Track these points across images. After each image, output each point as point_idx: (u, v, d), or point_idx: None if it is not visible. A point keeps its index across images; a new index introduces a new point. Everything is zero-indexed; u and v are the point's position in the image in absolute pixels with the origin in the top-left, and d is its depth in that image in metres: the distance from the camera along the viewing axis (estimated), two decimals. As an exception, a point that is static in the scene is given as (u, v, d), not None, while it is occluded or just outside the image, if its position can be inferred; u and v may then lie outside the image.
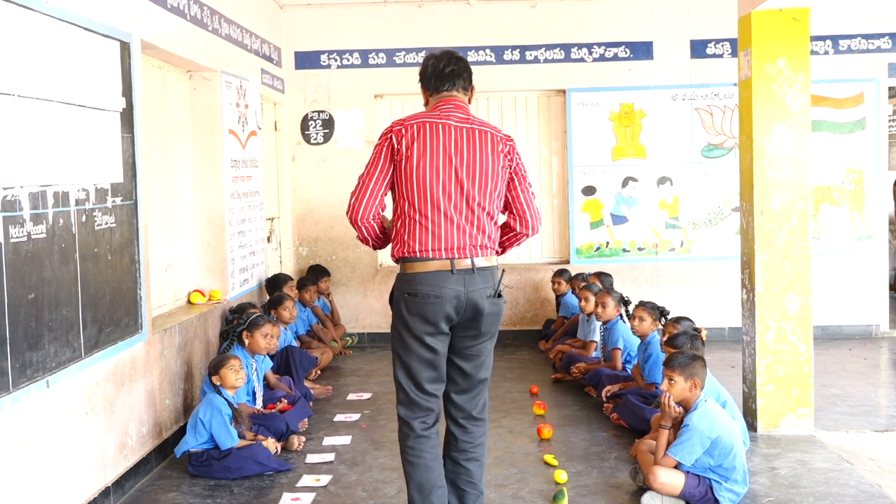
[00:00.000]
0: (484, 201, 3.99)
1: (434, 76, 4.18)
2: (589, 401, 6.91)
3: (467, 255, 3.95)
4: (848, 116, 9.48)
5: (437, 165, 3.95)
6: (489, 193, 4.01)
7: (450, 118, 4.05)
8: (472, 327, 4.00)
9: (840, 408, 6.69)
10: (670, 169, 9.54)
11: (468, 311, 3.94)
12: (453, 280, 3.92)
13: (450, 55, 4.23)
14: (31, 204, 4.00)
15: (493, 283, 4.01)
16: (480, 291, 3.95)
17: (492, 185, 4.02)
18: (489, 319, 4.01)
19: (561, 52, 9.50)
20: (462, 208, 3.96)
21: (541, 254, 9.87)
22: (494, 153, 4.06)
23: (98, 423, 4.76)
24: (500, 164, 4.07)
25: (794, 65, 5.97)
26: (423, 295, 3.91)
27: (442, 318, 3.92)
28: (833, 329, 9.43)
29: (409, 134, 3.98)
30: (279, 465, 5.40)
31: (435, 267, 3.92)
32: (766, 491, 4.97)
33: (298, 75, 9.57)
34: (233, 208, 7.27)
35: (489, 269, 4.02)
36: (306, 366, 7.30)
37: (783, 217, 6.00)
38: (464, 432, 4.11)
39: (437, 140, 3.98)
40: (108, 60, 4.93)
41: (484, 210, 4.00)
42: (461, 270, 3.93)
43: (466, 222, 3.96)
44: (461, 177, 3.96)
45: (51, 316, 4.18)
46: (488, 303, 3.98)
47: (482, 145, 4.04)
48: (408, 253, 3.97)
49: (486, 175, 4.01)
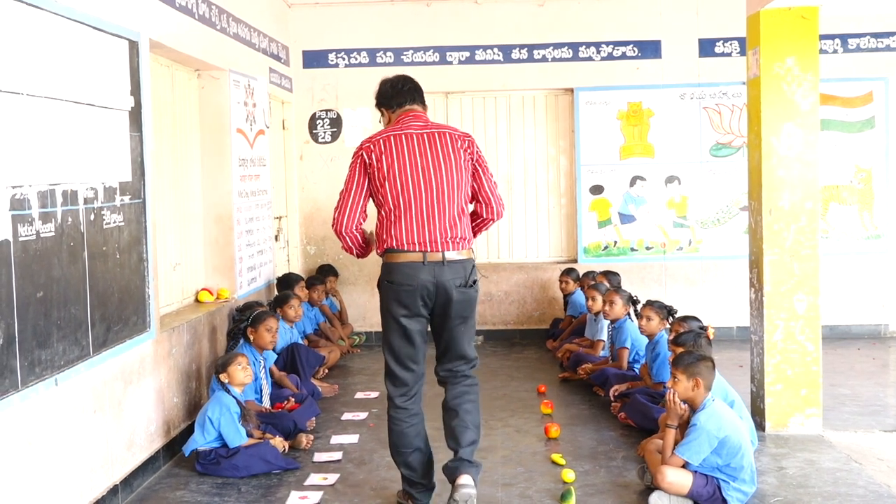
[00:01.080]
0: (453, 195, 4.52)
1: (394, 95, 4.77)
2: (596, 400, 6.90)
3: (438, 248, 4.48)
4: (857, 115, 9.45)
5: (406, 170, 4.50)
6: (456, 186, 4.54)
7: (411, 127, 4.61)
8: (444, 312, 4.54)
9: (849, 407, 6.67)
10: (678, 168, 9.53)
11: (439, 298, 4.49)
12: (425, 270, 4.45)
13: (405, 77, 4.88)
14: (39, 202, 4.01)
15: (463, 275, 4.51)
16: (450, 281, 4.48)
17: (457, 179, 4.55)
18: (459, 306, 4.52)
19: (569, 50, 9.49)
20: (433, 205, 4.49)
21: (548, 253, 9.87)
22: (455, 150, 4.58)
23: (106, 422, 4.77)
24: (462, 159, 4.59)
25: (803, 63, 5.96)
26: (398, 283, 4.49)
27: (415, 303, 4.48)
28: (842, 329, 9.41)
29: (377, 148, 4.54)
30: (287, 464, 5.41)
31: (409, 259, 4.47)
32: (775, 491, 4.96)
33: (306, 74, 9.58)
34: (241, 207, 7.28)
35: (460, 261, 4.52)
36: (312, 363, 7.30)
37: (792, 216, 5.99)
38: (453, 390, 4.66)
39: (402, 148, 4.53)
40: (117, 59, 4.94)
41: (454, 204, 4.53)
42: (432, 262, 4.46)
43: (438, 219, 4.49)
44: (429, 176, 4.51)
45: (59, 314, 4.19)
46: (457, 291, 4.49)
47: (443, 145, 4.57)
48: (387, 246, 4.53)
49: (451, 170, 4.54)
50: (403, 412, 4.62)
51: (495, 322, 9.64)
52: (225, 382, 5.55)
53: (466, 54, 9.51)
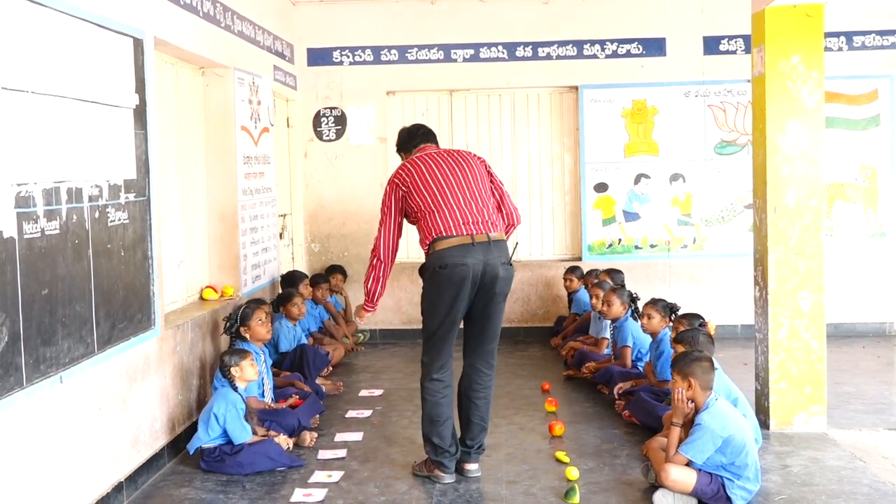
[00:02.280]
0: (483, 193, 5.09)
1: (410, 139, 5.43)
2: (601, 398, 6.90)
3: (482, 230, 4.96)
4: (862, 113, 9.44)
5: (438, 177, 5.07)
6: (484, 189, 5.12)
7: (431, 151, 5.26)
8: (490, 290, 4.96)
9: (853, 406, 6.66)
10: (683, 166, 9.52)
11: (487, 275, 4.93)
12: (475, 251, 4.91)
13: (419, 125, 5.55)
14: (44, 200, 4.02)
15: (507, 253, 5.04)
16: (497, 258, 4.95)
17: (483, 185, 5.14)
18: (503, 282, 5.01)
19: (573, 48, 9.48)
20: (470, 200, 5.03)
21: (553, 250, 9.86)
22: (476, 162, 5.23)
23: (111, 419, 4.78)
24: (483, 170, 5.22)
25: (808, 61, 5.95)
26: (451, 265, 4.88)
27: (467, 283, 4.89)
28: (846, 326, 9.40)
29: (406, 171, 5.13)
30: (291, 461, 5.42)
31: (458, 242, 4.92)
32: (779, 489, 4.96)
33: (311, 72, 9.58)
34: (245, 205, 7.29)
35: (502, 241, 5.05)
36: (319, 365, 7.30)
37: (796, 214, 5.98)
38: (478, 376, 5.18)
39: (430, 165, 5.13)
40: (122, 57, 4.95)
41: (488, 201, 5.10)
42: (480, 243, 4.92)
43: (476, 209, 5.01)
44: (458, 179, 5.07)
45: (64, 312, 4.19)
46: (502, 268, 4.99)
47: (464, 159, 5.20)
48: (434, 235, 4.97)
49: (476, 177, 5.13)
50: (439, 384, 5.09)
51: (499, 320, 9.63)
52: (231, 380, 5.55)
53: (471, 52, 9.51)
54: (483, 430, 5.23)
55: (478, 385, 5.19)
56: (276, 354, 7.19)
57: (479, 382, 5.19)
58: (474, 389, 5.19)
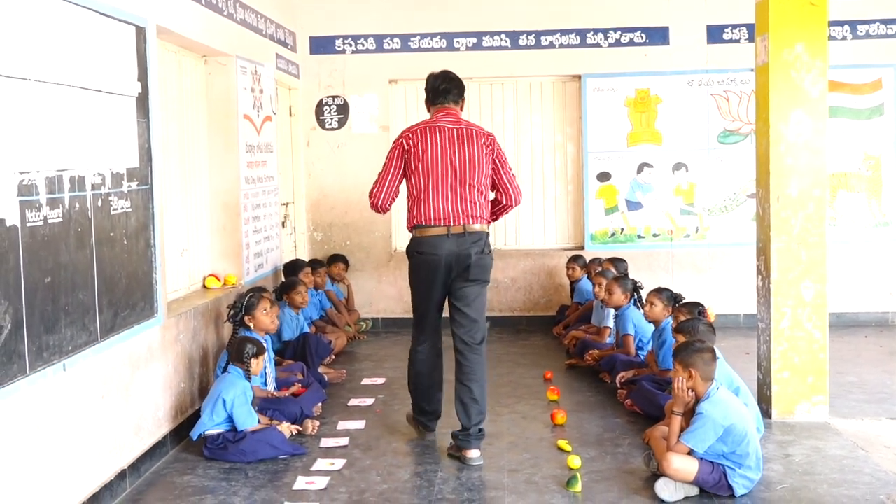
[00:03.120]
0: (474, 181, 5.41)
1: (432, 92, 5.65)
2: (603, 387, 6.91)
3: (461, 222, 5.37)
4: (866, 102, 9.42)
5: (436, 157, 5.40)
6: (477, 175, 5.42)
7: (444, 122, 5.49)
8: (465, 276, 5.40)
9: (855, 395, 6.67)
10: (686, 155, 9.50)
11: (461, 263, 5.37)
12: (448, 242, 5.36)
13: (445, 75, 5.68)
14: (47, 188, 4.02)
15: (481, 244, 5.42)
16: (471, 248, 5.38)
17: (479, 169, 5.43)
18: (477, 269, 5.41)
19: (576, 37, 9.45)
20: (456, 188, 5.38)
21: (555, 240, 9.86)
22: (478, 146, 5.46)
23: (114, 407, 4.79)
24: (484, 153, 5.47)
25: (812, 50, 5.93)
26: (426, 253, 5.41)
27: (438, 271, 5.39)
28: (849, 316, 9.39)
29: (414, 137, 5.46)
30: (294, 449, 5.43)
31: (434, 232, 5.38)
32: (780, 478, 4.96)
33: (313, 60, 9.56)
34: (248, 193, 7.29)
35: (478, 233, 5.43)
36: (322, 354, 7.32)
37: (799, 204, 5.97)
38: (465, 359, 5.43)
39: (435, 139, 5.43)
40: (124, 45, 4.94)
41: (475, 188, 5.41)
42: (455, 234, 5.36)
43: (460, 199, 5.38)
44: (455, 164, 5.39)
45: (67, 300, 4.20)
46: (476, 257, 5.39)
47: (469, 140, 5.46)
48: (415, 222, 5.44)
49: (474, 162, 5.42)
50: (420, 354, 5.69)
51: (502, 309, 9.65)
52: (248, 367, 5.55)
53: (474, 40, 9.49)
54: (480, 413, 5.37)
55: (464, 367, 5.40)
56: (278, 343, 7.20)
57: (464, 364, 5.41)
58: (462, 372, 5.40)
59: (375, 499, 4.74)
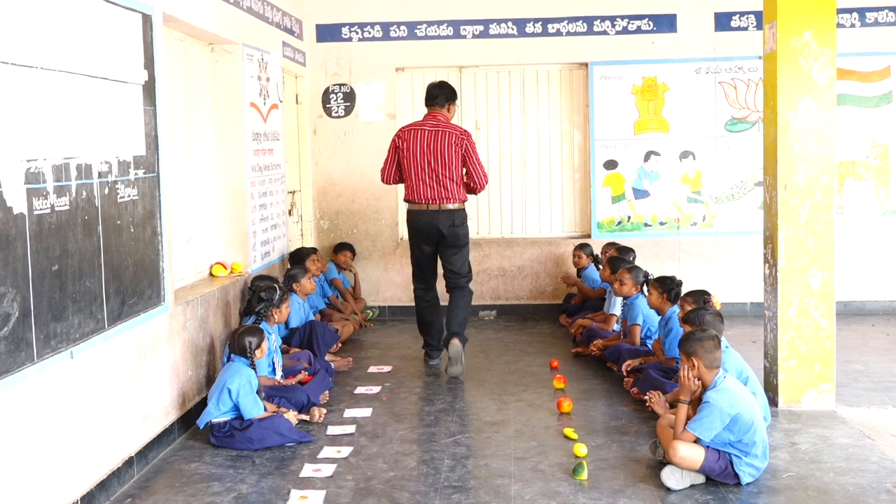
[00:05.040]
0: (445, 172, 7.10)
1: (426, 97, 7.34)
2: (609, 375, 6.91)
3: (436, 202, 7.14)
4: (874, 90, 9.38)
5: (416, 154, 7.14)
6: (447, 168, 7.10)
7: (427, 125, 7.21)
8: (443, 242, 7.24)
9: (862, 383, 6.66)
10: (693, 143, 9.48)
11: (436, 232, 7.18)
12: (427, 215, 7.18)
13: (439, 84, 7.35)
14: (54, 176, 4.02)
15: (452, 219, 7.16)
16: (443, 222, 7.16)
17: (449, 164, 7.10)
18: (451, 238, 7.20)
19: (583, 24, 9.42)
20: (432, 177, 7.11)
21: (562, 228, 9.85)
22: (449, 143, 7.10)
23: (121, 394, 4.81)
24: (454, 150, 7.11)
25: (821, 38, 5.90)
26: (412, 222, 7.31)
27: (421, 234, 7.25)
28: (856, 305, 9.38)
29: (404, 137, 7.22)
30: (300, 437, 5.45)
31: (418, 208, 7.22)
32: (787, 466, 4.97)
33: (320, 48, 9.55)
34: (254, 181, 7.29)
35: (450, 210, 7.15)
36: (329, 342, 7.33)
37: (807, 192, 5.96)
38: (451, 296, 7.35)
39: (416, 139, 7.16)
40: (131, 33, 4.94)
41: (446, 177, 7.10)
42: (432, 210, 7.15)
43: (435, 185, 7.11)
44: (429, 160, 7.11)
45: (74, 287, 4.21)
46: (447, 229, 7.17)
47: (442, 140, 7.12)
48: (407, 198, 7.31)
49: (445, 158, 7.10)
50: (419, 296, 7.48)
51: (508, 297, 9.65)
52: (253, 357, 5.56)
53: (480, 28, 9.46)
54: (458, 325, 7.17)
55: (450, 301, 7.33)
56: (285, 331, 7.22)
57: (450, 299, 7.34)
58: (451, 302, 7.31)
59: (382, 486, 4.76)
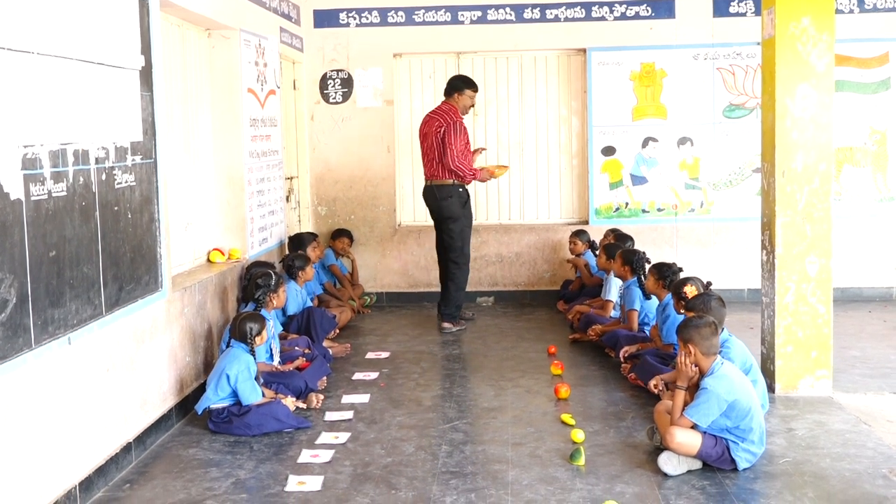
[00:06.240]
0: (430, 153, 8.10)
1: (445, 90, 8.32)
2: (606, 361, 6.92)
3: (430, 178, 8.16)
4: (872, 76, 9.36)
5: (420, 137, 8.29)
6: (432, 149, 8.06)
7: (431, 113, 8.28)
8: (434, 214, 8.23)
9: (859, 369, 6.68)
10: (691, 129, 9.47)
11: (432, 205, 8.21)
12: (427, 189, 8.23)
13: (454, 77, 8.36)
14: (51, 162, 4.02)
15: (442, 192, 8.06)
16: (436, 195, 8.12)
17: (434, 145, 8.03)
18: (439, 210, 8.14)
19: (581, 10, 9.40)
20: (425, 157, 8.18)
21: (560, 214, 9.84)
22: (435, 129, 8.04)
23: (119, 380, 4.81)
24: (435, 133, 8.02)
25: (819, 24, 5.89)
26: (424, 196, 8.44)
27: (428, 207, 8.33)
28: (853, 291, 9.39)
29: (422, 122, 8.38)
30: (298, 423, 5.46)
31: (425, 183, 8.27)
32: (783, 452, 4.98)
33: (317, 34, 9.52)
34: (252, 167, 7.28)
35: (438, 185, 8.09)
36: (327, 327, 7.33)
37: (805, 178, 5.95)
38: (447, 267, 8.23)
39: (422, 124, 8.29)
40: (127, 18, 4.92)
41: (433, 157, 8.07)
42: (427, 186, 8.21)
43: (427, 162, 8.17)
44: (422, 141, 8.19)
45: (72, 273, 4.21)
46: (436, 202, 8.12)
47: (430, 124, 8.12)
48: None
49: (430, 140, 8.07)
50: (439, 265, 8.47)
51: (506, 283, 9.65)
52: (252, 344, 5.55)
53: (478, 14, 9.44)
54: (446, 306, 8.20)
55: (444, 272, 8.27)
56: (283, 317, 7.22)
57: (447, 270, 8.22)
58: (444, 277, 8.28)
59: (380, 472, 4.77)
